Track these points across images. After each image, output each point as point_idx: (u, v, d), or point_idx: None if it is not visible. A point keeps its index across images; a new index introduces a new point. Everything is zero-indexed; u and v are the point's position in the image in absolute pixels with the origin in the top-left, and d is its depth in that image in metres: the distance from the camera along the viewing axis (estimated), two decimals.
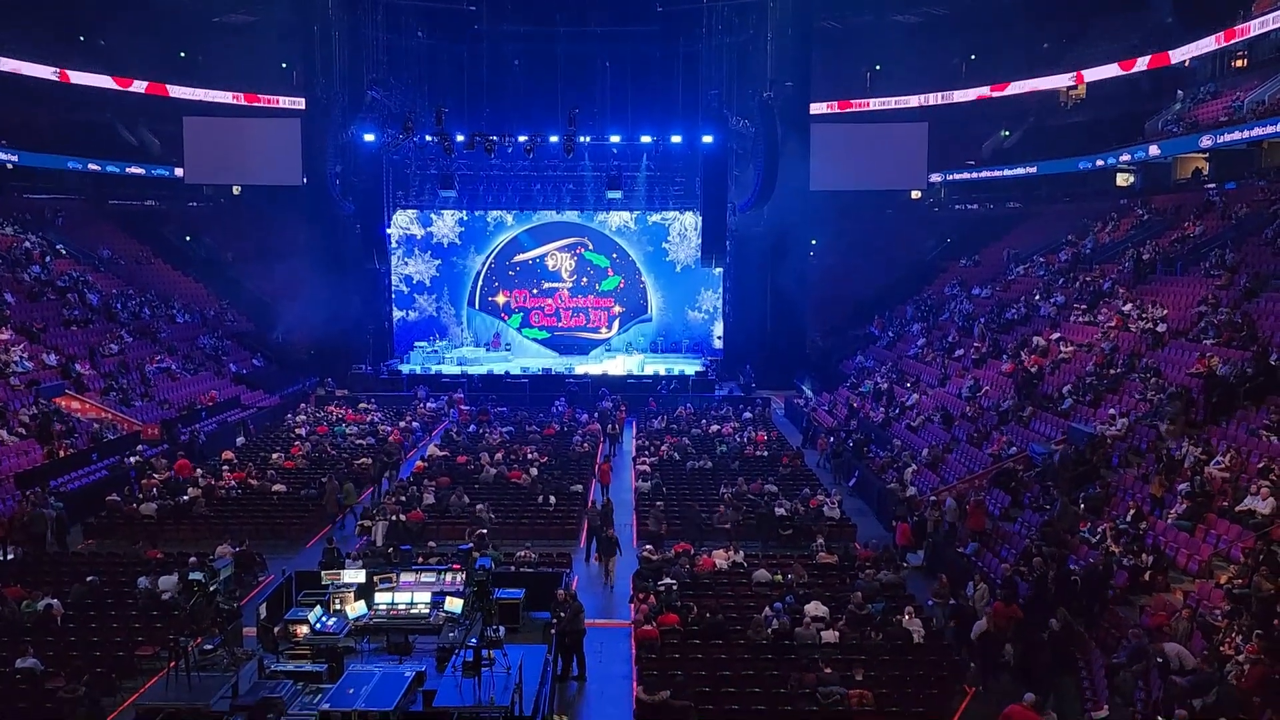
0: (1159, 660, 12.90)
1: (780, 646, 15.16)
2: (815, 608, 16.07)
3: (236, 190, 51.01)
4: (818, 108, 45.39)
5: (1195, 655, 12.89)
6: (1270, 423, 17.82)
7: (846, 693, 13.53)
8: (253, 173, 46.49)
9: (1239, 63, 38.67)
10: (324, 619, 13.57)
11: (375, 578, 14.59)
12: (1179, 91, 40.61)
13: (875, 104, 49.12)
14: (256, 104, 48.03)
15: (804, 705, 13.52)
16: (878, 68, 50.99)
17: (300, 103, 45.44)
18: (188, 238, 49.58)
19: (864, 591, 16.73)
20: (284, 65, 49.11)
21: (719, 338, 44.29)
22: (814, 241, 45.28)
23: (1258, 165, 34.95)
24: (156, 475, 24.89)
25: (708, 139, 38.46)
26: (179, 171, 46.99)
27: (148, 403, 32.06)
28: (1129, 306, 28.59)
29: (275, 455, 28.19)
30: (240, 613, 13.68)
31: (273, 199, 48.01)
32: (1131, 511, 17.43)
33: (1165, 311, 26.81)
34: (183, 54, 49.56)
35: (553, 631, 14.81)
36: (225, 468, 26.40)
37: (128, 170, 47.56)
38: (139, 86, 45.62)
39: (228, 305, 45.61)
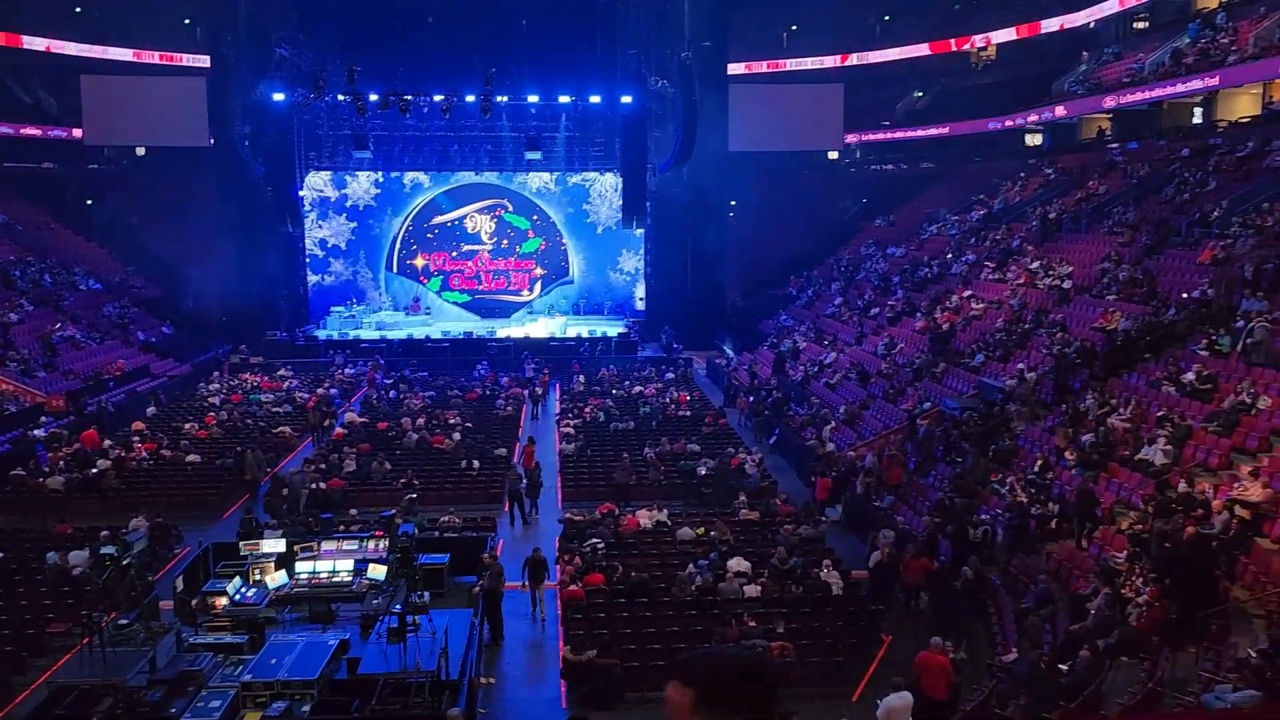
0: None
1: (704, 602, 15.44)
2: (738, 563, 16.37)
3: (141, 152, 49.12)
4: (735, 68, 45.41)
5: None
6: (1168, 374, 18.59)
7: (769, 645, 13.85)
8: (157, 134, 44.72)
9: (1141, 24, 39.69)
10: (243, 590, 13.41)
11: (296, 547, 14.45)
12: (1084, 53, 41.54)
13: (792, 64, 49.31)
14: (158, 62, 46.21)
15: None
16: (794, 28, 51.13)
17: (205, 60, 43.88)
18: (89, 202, 47.66)
19: (785, 546, 17.08)
20: (186, 21, 47.29)
21: (641, 299, 44.35)
22: (733, 202, 45.46)
23: (1158, 125, 35.96)
24: (65, 448, 24.13)
25: (626, 99, 38.22)
26: (78, 133, 45.06)
27: (51, 373, 30.95)
28: (1036, 264, 29.40)
29: (188, 425, 27.52)
30: (155, 586, 13.42)
31: (179, 161, 46.25)
32: (1039, 462, 18.07)
33: (1071, 269, 27.64)
34: (78, 9, 47.34)
35: (478, 594, 14.85)
36: (136, 439, 25.67)
37: (22, 132, 45.41)
38: (32, 43, 43.49)
39: (134, 271, 44.09)
